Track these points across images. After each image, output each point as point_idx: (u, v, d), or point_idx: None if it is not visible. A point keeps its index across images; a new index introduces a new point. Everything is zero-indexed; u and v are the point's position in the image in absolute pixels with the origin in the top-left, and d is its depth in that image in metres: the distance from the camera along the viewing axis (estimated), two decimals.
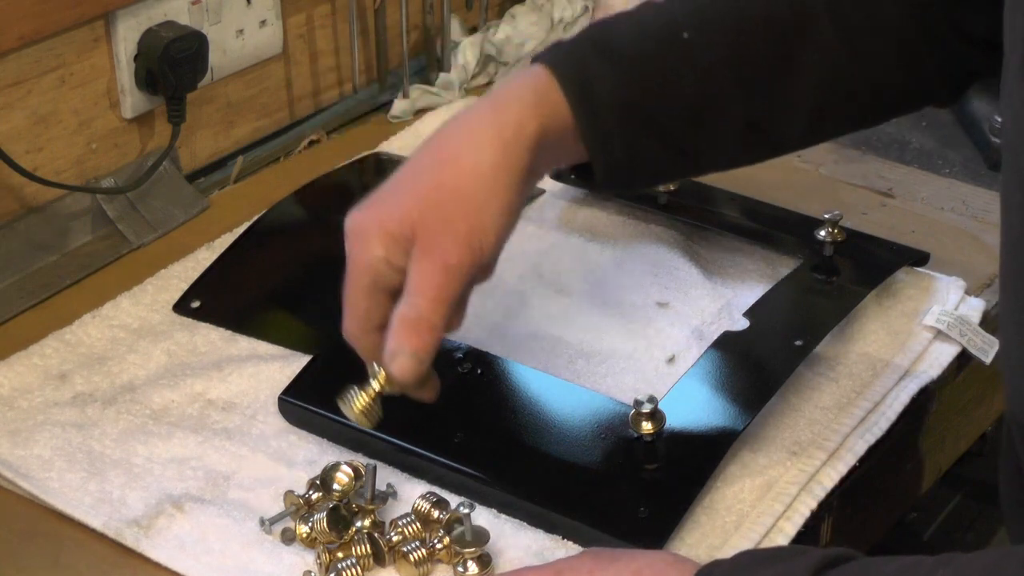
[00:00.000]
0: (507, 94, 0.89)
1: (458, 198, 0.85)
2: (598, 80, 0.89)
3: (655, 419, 0.92)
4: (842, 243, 1.10)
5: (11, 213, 1.16)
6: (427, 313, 0.83)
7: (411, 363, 0.84)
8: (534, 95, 0.89)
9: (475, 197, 0.85)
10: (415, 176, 0.87)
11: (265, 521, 0.90)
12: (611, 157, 0.91)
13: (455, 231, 0.84)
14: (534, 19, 1.47)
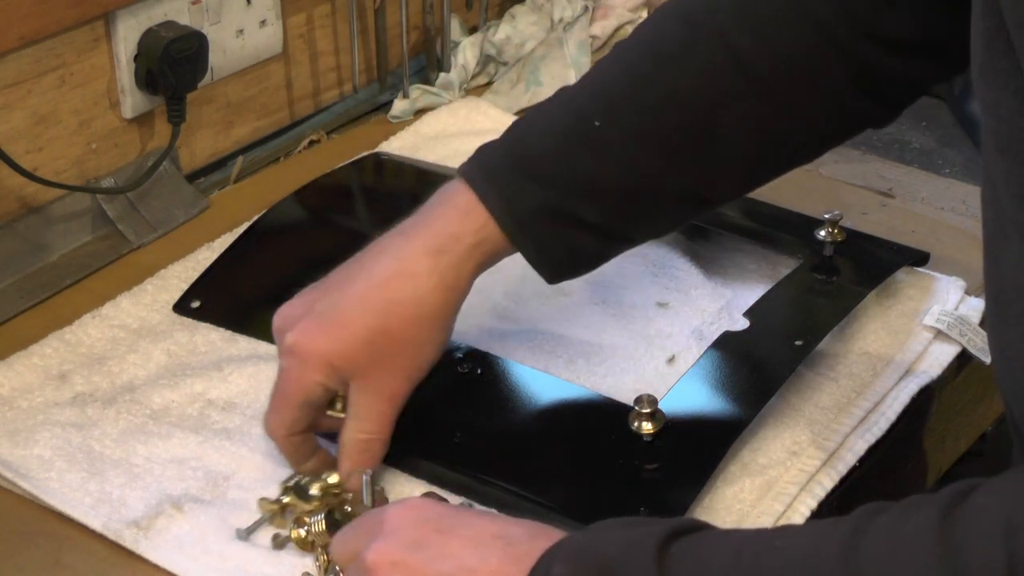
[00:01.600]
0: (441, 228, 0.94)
1: (401, 343, 0.92)
2: (520, 197, 0.93)
3: (655, 419, 0.92)
4: (842, 243, 1.10)
5: (11, 213, 1.16)
6: (376, 434, 0.92)
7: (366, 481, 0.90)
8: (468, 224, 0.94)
9: (416, 341, 0.93)
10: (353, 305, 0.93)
11: (241, 531, 0.90)
12: (547, 257, 0.95)
13: (395, 369, 0.92)
14: (534, 19, 1.47)
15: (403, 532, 0.77)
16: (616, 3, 1.47)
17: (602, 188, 0.93)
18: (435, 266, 0.93)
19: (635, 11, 1.48)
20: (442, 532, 0.76)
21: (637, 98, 0.94)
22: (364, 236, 1.22)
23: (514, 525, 0.77)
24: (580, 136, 0.94)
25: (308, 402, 0.93)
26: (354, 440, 0.92)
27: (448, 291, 0.93)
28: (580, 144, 0.94)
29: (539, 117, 0.98)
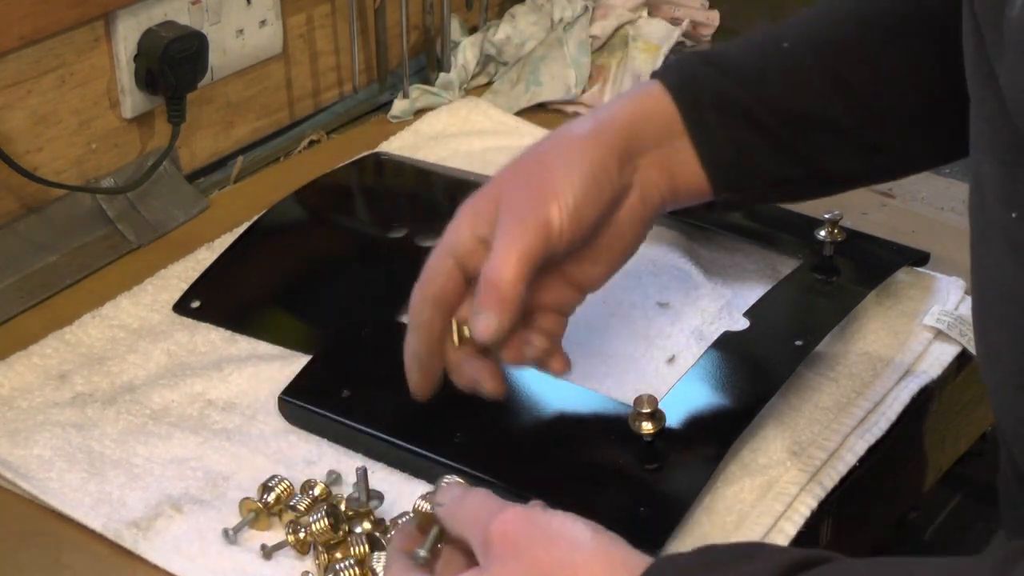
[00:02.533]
0: (608, 103, 0.93)
1: (540, 163, 0.89)
2: (700, 79, 0.92)
3: (655, 419, 0.92)
4: (842, 243, 1.10)
5: (11, 213, 1.16)
6: (504, 268, 0.85)
7: (489, 320, 0.85)
8: (633, 98, 0.93)
9: (556, 162, 0.88)
10: (511, 164, 0.91)
11: (229, 532, 0.90)
12: (716, 152, 0.92)
13: (531, 189, 0.87)
14: (534, 19, 1.47)
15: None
16: (616, 3, 1.47)
17: (776, 96, 0.92)
18: (594, 121, 0.90)
19: (635, 11, 1.48)
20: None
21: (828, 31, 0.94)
22: (364, 236, 1.23)
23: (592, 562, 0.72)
24: (769, 49, 0.94)
25: (454, 250, 0.88)
26: (483, 274, 0.86)
27: (599, 124, 0.90)
28: (767, 54, 0.93)
29: (737, 39, 0.97)
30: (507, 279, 0.85)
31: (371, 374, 1.01)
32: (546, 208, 0.87)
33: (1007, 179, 0.73)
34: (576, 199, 0.87)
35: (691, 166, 0.94)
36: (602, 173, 0.89)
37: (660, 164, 0.92)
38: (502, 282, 0.85)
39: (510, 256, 0.86)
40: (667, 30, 1.47)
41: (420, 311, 0.89)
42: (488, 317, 0.86)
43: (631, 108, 0.92)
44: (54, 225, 1.18)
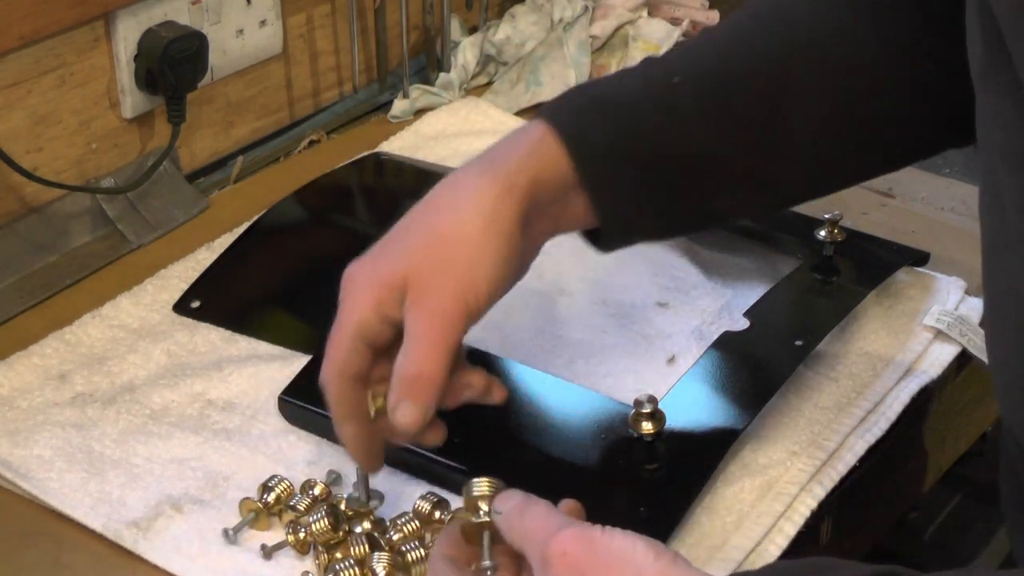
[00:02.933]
0: (502, 149, 0.90)
1: (450, 248, 0.86)
2: (592, 130, 0.90)
3: (655, 419, 0.92)
4: (842, 243, 1.10)
5: (11, 213, 1.16)
6: (425, 363, 0.84)
7: (414, 412, 0.83)
8: (529, 147, 0.89)
9: (467, 248, 0.86)
10: (409, 229, 0.88)
11: (229, 532, 0.90)
12: (611, 205, 0.91)
13: (447, 283, 0.85)
14: (534, 19, 1.47)
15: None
16: (616, 3, 1.47)
17: (668, 140, 0.91)
18: (488, 170, 0.88)
19: (635, 11, 1.48)
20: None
21: (717, 69, 0.93)
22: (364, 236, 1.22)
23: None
24: (658, 87, 0.92)
25: (361, 333, 0.85)
26: (400, 369, 0.84)
27: (500, 195, 0.87)
28: (656, 92, 0.92)
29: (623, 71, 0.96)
30: (434, 374, 0.84)
31: None
32: (463, 302, 0.85)
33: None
34: (491, 288, 0.86)
35: (583, 218, 0.92)
36: (510, 254, 0.87)
37: (553, 217, 0.91)
38: (429, 376, 0.84)
39: (432, 351, 0.84)
40: (667, 30, 1.47)
41: (345, 396, 0.87)
42: (411, 408, 0.83)
43: (530, 164, 0.89)
44: (54, 225, 1.18)
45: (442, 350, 0.84)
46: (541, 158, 0.89)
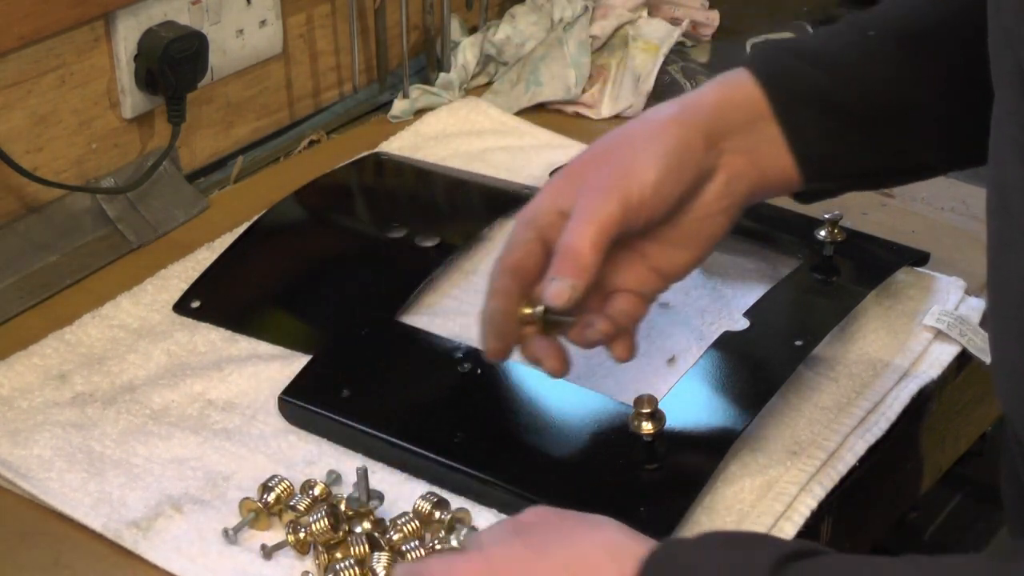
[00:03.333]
0: (695, 90, 0.94)
1: (624, 140, 0.90)
2: (790, 70, 0.92)
3: (655, 419, 0.92)
4: (842, 243, 1.10)
5: (11, 213, 1.16)
6: (578, 238, 0.86)
7: (562, 286, 0.86)
8: (720, 80, 0.93)
9: (639, 139, 0.89)
10: (600, 140, 0.93)
11: (229, 531, 0.90)
12: (806, 142, 0.92)
13: (612, 164, 0.88)
14: (534, 19, 1.47)
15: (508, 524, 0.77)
16: (616, 3, 1.47)
17: (865, 87, 0.92)
18: (680, 104, 0.91)
19: (635, 11, 1.48)
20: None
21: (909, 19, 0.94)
22: (364, 236, 1.23)
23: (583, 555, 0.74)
24: (854, 39, 0.94)
25: (534, 220, 0.89)
26: (560, 243, 0.87)
27: (684, 107, 0.91)
28: (852, 44, 0.93)
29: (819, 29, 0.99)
30: (583, 247, 0.86)
31: (371, 374, 1.01)
32: (626, 181, 0.88)
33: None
34: (657, 174, 0.88)
35: (780, 155, 0.93)
36: (685, 152, 0.89)
37: (747, 151, 0.92)
38: (578, 250, 0.86)
39: (587, 226, 0.87)
40: (667, 30, 1.46)
41: (498, 280, 0.90)
42: (561, 283, 0.86)
43: (718, 93, 0.93)
44: (54, 225, 1.18)
45: (595, 228, 0.87)
46: (730, 90, 0.92)
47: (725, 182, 0.92)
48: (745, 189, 0.93)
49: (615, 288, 0.92)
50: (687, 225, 0.92)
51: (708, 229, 0.93)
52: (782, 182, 0.94)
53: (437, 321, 1.08)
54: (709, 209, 0.92)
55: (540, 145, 1.34)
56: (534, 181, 1.25)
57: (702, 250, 0.94)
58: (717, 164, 0.91)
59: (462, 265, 1.15)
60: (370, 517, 0.90)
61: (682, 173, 0.89)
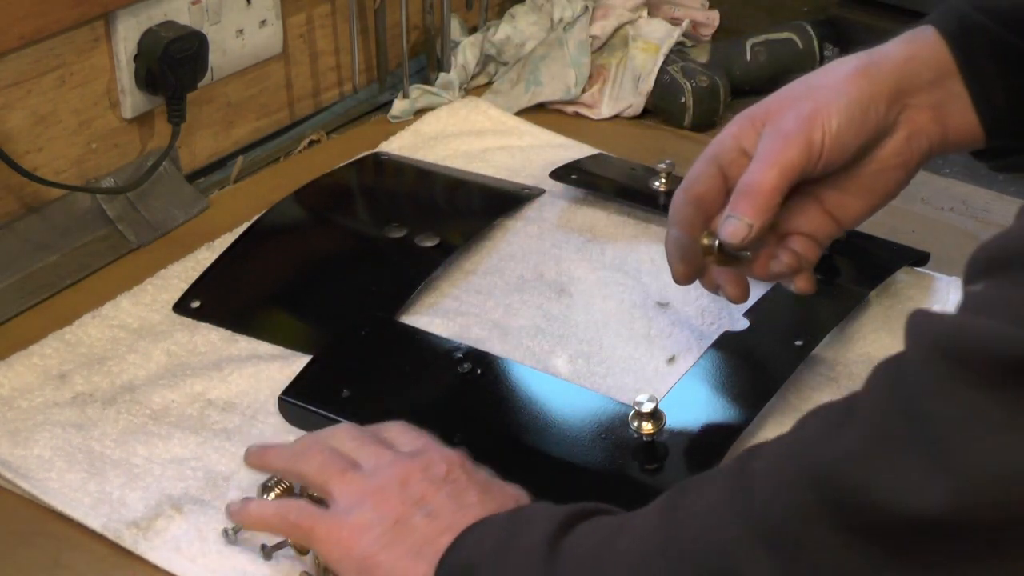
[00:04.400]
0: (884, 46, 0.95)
1: (810, 88, 0.93)
2: (975, 26, 0.93)
3: (655, 419, 0.92)
4: (842, 243, 1.10)
5: (11, 213, 1.16)
6: (758, 176, 0.90)
7: (738, 224, 0.90)
8: (909, 38, 0.94)
9: (825, 89, 0.92)
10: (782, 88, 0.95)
11: (228, 532, 0.90)
12: (991, 96, 0.93)
13: (797, 110, 0.91)
14: (534, 19, 1.47)
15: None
16: (616, 3, 1.47)
17: None
18: (867, 57, 0.93)
19: (635, 11, 1.48)
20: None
21: None
22: (364, 236, 1.23)
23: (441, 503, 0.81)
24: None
25: (716, 155, 0.94)
26: (740, 182, 0.91)
27: (871, 60, 0.93)
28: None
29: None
30: (763, 187, 0.90)
31: (371, 374, 1.01)
32: (809, 126, 0.90)
33: None
34: (840, 123, 0.91)
35: (964, 110, 0.94)
36: (869, 104, 0.92)
37: (931, 107, 0.94)
38: (758, 189, 0.90)
39: (769, 168, 0.90)
40: (667, 30, 1.46)
41: (681, 209, 0.95)
42: (739, 221, 0.90)
43: (904, 49, 0.94)
44: (54, 225, 1.18)
45: (776, 171, 0.90)
46: (916, 46, 0.93)
47: (906, 138, 0.94)
48: (926, 145, 0.95)
49: (790, 231, 0.96)
50: (865, 176, 0.95)
51: (885, 182, 0.95)
52: (966, 139, 0.96)
53: (437, 321, 1.08)
54: (887, 163, 0.94)
55: (540, 145, 1.34)
56: (534, 181, 1.25)
57: (878, 200, 0.97)
58: (899, 119, 0.94)
59: (462, 265, 1.16)
60: None
61: (864, 124, 0.92)
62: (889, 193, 0.97)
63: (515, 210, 1.22)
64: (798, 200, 0.95)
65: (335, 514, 0.83)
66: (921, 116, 0.94)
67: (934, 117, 0.94)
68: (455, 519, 0.80)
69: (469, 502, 0.81)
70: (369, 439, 0.87)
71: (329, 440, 0.87)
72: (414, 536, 0.80)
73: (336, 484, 0.84)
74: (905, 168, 0.95)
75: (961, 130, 0.95)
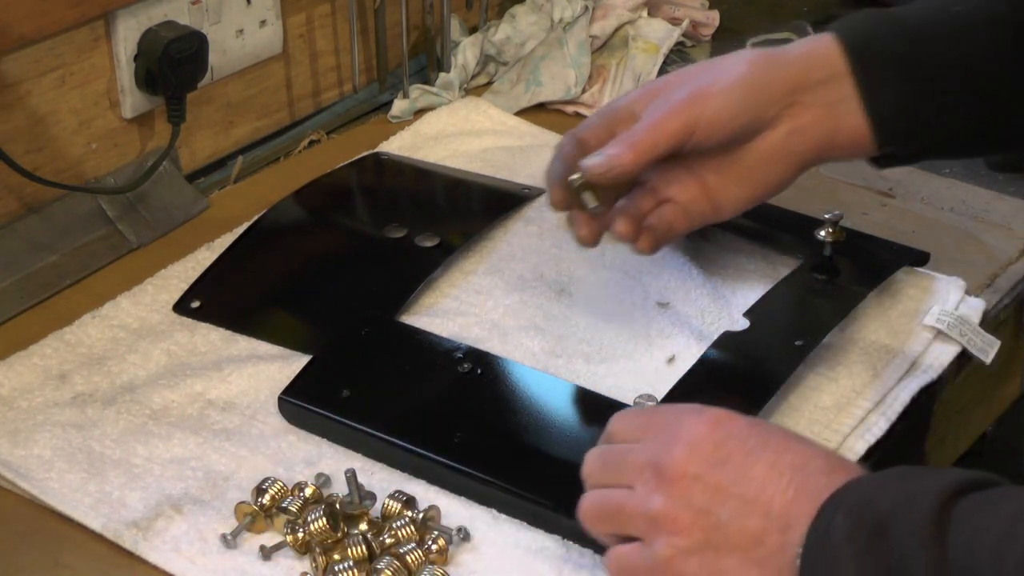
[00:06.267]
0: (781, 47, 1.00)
1: (706, 68, 0.99)
2: (872, 33, 0.96)
3: None
4: (842, 243, 1.10)
5: (11, 213, 1.16)
6: (638, 134, 0.96)
7: (600, 160, 0.97)
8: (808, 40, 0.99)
9: (719, 70, 0.97)
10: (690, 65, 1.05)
11: (227, 537, 0.90)
12: (881, 103, 0.96)
13: (688, 85, 0.97)
14: (534, 19, 1.47)
15: (706, 446, 0.77)
16: (616, 3, 1.47)
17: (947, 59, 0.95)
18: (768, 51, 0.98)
19: (635, 11, 1.48)
20: (747, 453, 0.77)
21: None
22: (364, 236, 1.23)
23: (814, 455, 0.77)
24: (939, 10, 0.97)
25: (608, 109, 1.00)
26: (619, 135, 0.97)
27: (767, 53, 0.97)
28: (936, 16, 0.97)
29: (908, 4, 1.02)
30: (635, 140, 0.96)
31: (371, 374, 1.01)
32: (691, 101, 0.96)
33: None
34: (720, 104, 0.96)
35: (853, 114, 0.97)
36: (754, 91, 0.96)
37: (820, 106, 0.97)
38: (630, 140, 0.96)
39: (647, 129, 0.96)
40: (667, 30, 1.47)
41: (565, 144, 1.01)
42: (602, 157, 0.96)
43: (803, 48, 0.98)
44: (54, 225, 1.18)
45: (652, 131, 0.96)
46: (814, 48, 0.98)
47: (788, 132, 0.97)
48: (810, 143, 0.98)
49: (667, 198, 1.01)
50: (744, 164, 0.99)
51: (763, 173, 0.99)
52: (855, 143, 0.98)
53: (437, 321, 1.08)
54: (768, 154, 0.98)
55: (540, 145, 1.34)
56: (534, 181, 1.25)
57: (757, 191, 1.00)
58: (785, 113, 0.97)
59: (462, 265, 1.15)
60: (366, 518, 0.90)
61: (744, 109, 0.96)
62: (766, 185, 1.00)
63: (515, 210, 1.22)
64: (680, 172, 1.00)
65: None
66: (808, 113, 0.97)
67: (822, 116, 0.97)
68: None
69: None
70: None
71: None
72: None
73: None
74: (785, 163, 0.98)
75: (850, 133, 0.97)
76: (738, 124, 0.96)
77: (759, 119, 0.97)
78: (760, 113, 0.96)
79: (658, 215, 1.01)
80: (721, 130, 0.96)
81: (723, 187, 1.00)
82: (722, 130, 0.96)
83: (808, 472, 0.75)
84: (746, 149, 0.98)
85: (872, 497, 0.72)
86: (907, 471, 0.74)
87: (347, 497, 0.91)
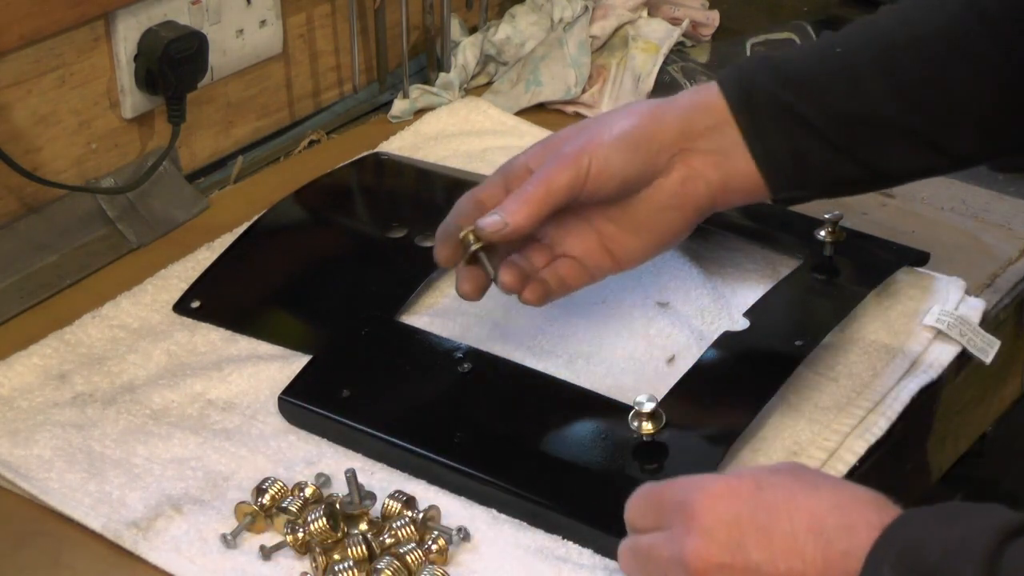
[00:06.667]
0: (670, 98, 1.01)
1: (597, 122, 0.99)
2: (754, 81, 0.97)
3: (655, 419, 0.92)
4: (842, 243, 1.10)
5: (11, 213, 1.16)
6: (529, 189, 0.96)
7: (495, 220, 0.96)
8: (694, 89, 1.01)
9: (609, 123, 0.98)
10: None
11: (227, 537, 0.90)
12: (769, 151, 0.97)
13: (579, 138, 0.97)
14: (534, 19, 1.47)
15: (720, 531, 0.76)
16: (616, 3, 1.47)
17: (832, 101, 0.97)
18: (657, 102, 0.99)
19: (635, 11, 1.48)
20: (760, 529, 0.75)
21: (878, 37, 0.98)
22: (364, 236, 1.23)
23: (826, 513, 0.75)
24: (822, 54, 0.99)
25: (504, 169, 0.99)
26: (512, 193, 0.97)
27: (653, 105, 0.98)
28: (819, 61, 0.98)
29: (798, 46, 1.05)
30: (528, 197, 0.95)
31: (371, 374, 1.02)
32: (580, 153, 0.96)
33: None
34: (609, 154, 0.96)
35: (742, 160, 0.98)
36: (648, 139, 0.97)
37: (711, 152, 0.97)
38: (523, 198, 0.95)
39: (538, 183, 0.96)
40: (667, 30, 1.47)
41: (461, 204, 0.99)
42: (497, 216, 0.95)
43: (690, 97, 0.99)
44: (54, 225, 1.18)
45: (543, 184, 0.96)
46: (699, 97, 0.99)
47: (681, 180, 0.98)
48: (703, 189, 0.98)
49: (563, 253, 1.00)
50: (640, 214, 0.99)
51: (659, 222, 0.99)
52: (748, 189, 0.99)
53: (437, 321, 1.08)
54: (662, 203, 0.98)
55: None
56: None
57: (654, 240, 1.00)
58: (676, 162, 0.98)
59: None
60: (366, 518, 0.90)
61: (635, 158, 0.96)
62: (664, 234, 1.00)
63: None
64: (577, 225, 1.00)
65: None
66: (699, 160, 0.98)
67: (714, 163, 0.98)
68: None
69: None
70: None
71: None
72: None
73: None
74: (681, 210, 0.99)
75: (743, 179, 0.98)
76: (628, 173, 0.97)
77: (650, 167, 0.97)
78: (650, 161, 0.97)
79: (551, 270, 1.00)
80: (611, 180, 0.96)
81: (621, 238, 1.00)
82: (611, 180, 0.96)
83: (827, 537, 0.74)
84: (642, 198, 0.98)
85: (918, 546, 0.72)
86: (952, 511, 0.74)
87: (347, 497, 0.91)
